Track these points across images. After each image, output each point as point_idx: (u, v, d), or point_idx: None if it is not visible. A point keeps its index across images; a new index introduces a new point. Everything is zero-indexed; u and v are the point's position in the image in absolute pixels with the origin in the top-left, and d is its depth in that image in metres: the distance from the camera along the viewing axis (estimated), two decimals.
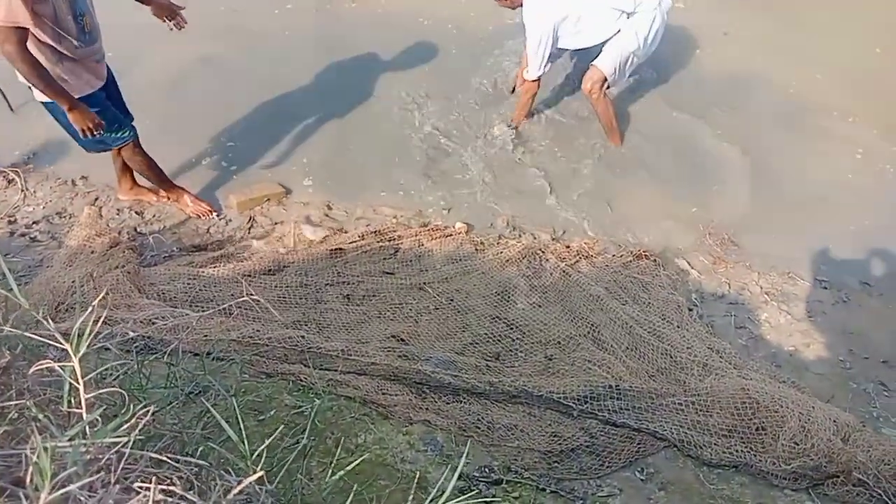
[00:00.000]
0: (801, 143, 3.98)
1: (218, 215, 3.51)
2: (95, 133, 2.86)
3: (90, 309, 0.85)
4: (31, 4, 2.48)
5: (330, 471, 1.07)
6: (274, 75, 4.28)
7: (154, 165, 3.35)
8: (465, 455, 1.41)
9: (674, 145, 4.00)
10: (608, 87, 3.86)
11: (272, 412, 2.23)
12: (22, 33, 2.52)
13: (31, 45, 2.61)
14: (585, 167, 3.88)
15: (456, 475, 0.96)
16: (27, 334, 0.88)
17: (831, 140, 3.99)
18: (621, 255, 3.34)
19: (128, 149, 3.21)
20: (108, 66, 3.10)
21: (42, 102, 2.88)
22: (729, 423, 2.35)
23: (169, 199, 3.50)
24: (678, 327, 2.93)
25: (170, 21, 3.15)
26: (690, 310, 3.07)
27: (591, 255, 3.34)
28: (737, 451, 2.27)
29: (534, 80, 3.82)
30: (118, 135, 3.12)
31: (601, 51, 3.74)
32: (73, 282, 2.80)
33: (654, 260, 3.32)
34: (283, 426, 1.92)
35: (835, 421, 2.28)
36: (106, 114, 2.96)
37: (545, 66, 3.74)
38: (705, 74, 4.45)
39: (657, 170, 3.85)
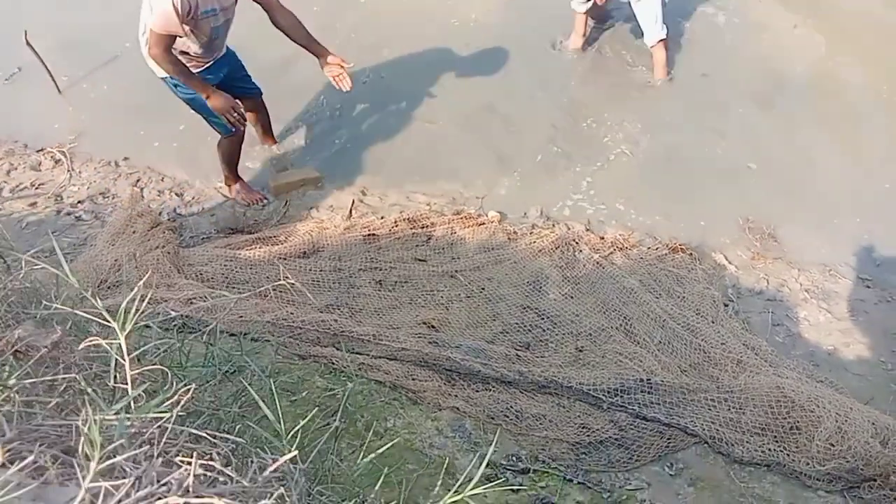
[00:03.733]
0: (848, 137, 3.85)
1: (266, 204, 3.56)
2: (238, 115, 3.10)
3: (136, 288, 0.88)
4: (184, 20, 2.79)
5: (361, 454, 1.09)
6: (309, 67, 4.31)
7: (236, 159, 3.49)
8: (493, 443, 1.42)
9: (715, 135, 3.91)
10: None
11: (304, 394, 2.28)
12: (171, 40, 2.87)
13: None
14: (622, 159, 3.82)
15: (484, 463, 0.97)
16: (77, 311, 0.91)
17: (879, 136, 3.85)
18: (657, 248, 3.29)
19: (226, 140, 3.37)
20: (232, 54, 3.35)
21: (164, 78, 3.10)
22: (762, 421, 2.31)
23: (226, 183, 3.59)
24: (713, 322, 2.88)
25: (336, 80, 3.26)
26: (726, 305, 3.01)
27: (625, 247, 3.30)
28: (769, 449, 2.24)
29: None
30: (218, 121, 3.21)
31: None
32: (115, 260, 2.88)
33: (691, 254, 3.26)
34: (315, 408, 1.96)
35: (874, 423, 2.23)
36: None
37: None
38: (757, 66, 4.33)
39: (695, 161, 3.77)
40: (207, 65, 3.16)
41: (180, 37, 2.87)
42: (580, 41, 4.40)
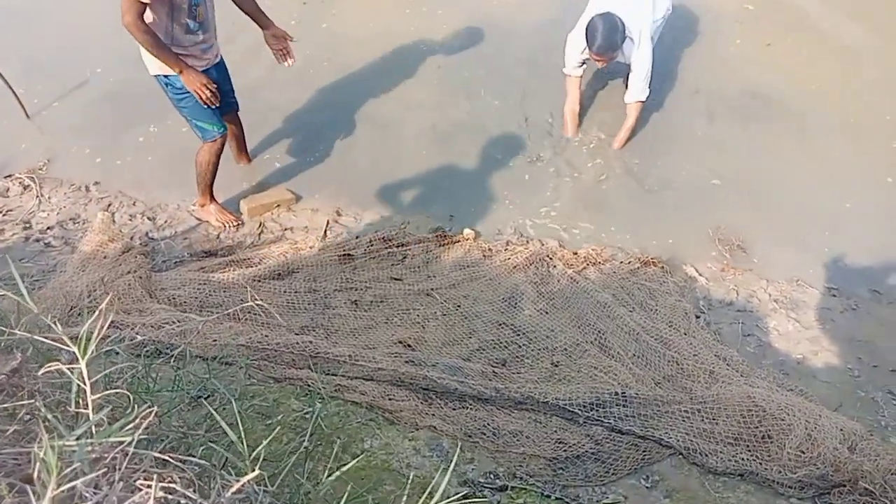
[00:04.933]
0: (814, 153, 3.96)
1: (240, 225, 3.55)
2: (210, 93, 3.04)
3: (97, 313, 0.88)
4: None
5: (329, 473, 1.08)
6: (281, 85, 4.34)
7: (213, 173, 3.44)
8: (455, 458, 1.42)
9: (684, 152, 3.99)
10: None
11: (279, 417, 2.26)
12: (140, 7, 2.79)
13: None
14: (593, 175, 3.89)
15: (448, 476, 0.97)
16: (37, 338, 0.90)
17: (844, 153, 3.96)
18: (629, 262, 3.34)
19: (207, 146, 3.32)
20: (223, 65, 3.34)
21: (156, 76, 3.09)
22: (735, 430, 2.34)
23: (200, 204, 3.56)
24: (685, 334, 2.92)
25: (278, 53, 3.34)
26: (698, 317, 3.06)
27: (598, 261, 3.35)
28: (742, 459, 2.27)
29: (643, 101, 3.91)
30: (202, 125, 3.22)
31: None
32: (85, 286, 2.85)
33: (662, 267, 3.31)
34: (287, 429, 1.94)
35: (841, 429, 2.27)
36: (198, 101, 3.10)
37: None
38: (725, 82, 4.44)
39: (665, 176, 3.85)
40: (204, 67, 3.16)
41: (146, 3, 2.79)
42: (572, 118, 4.09)
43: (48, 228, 3.47)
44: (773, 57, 4.59)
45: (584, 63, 3.94)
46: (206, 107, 3.13)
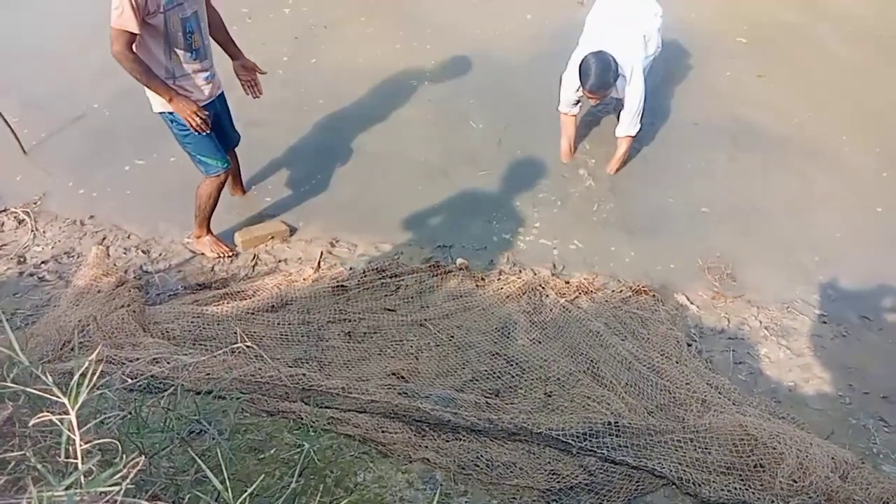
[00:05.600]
0: (803, 182, 4.01)
1: (234, 256, 3.58)
2: (201, 121, 3.06)
3: (87, 362, 0.90)
4: (143, 16, 2.77)
5: None
6: (276, 119, 4.39)
7: (212, 207, 3.47)
8: (438, 490, 1.42)
9: (674, 181, 4.05)
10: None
11: (272, 451, 2.26)
12: (129, 37, 2.81)
13: (142, 55, 2.90)
14: (585, 206, 3.93)
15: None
16: (26, 389, 0.92)
17: (832, 181, 4.02)
18: (620, 291, 3.36)
19: (210, 180, 3.36)
20: (224, 99, 3.38)
21: (160, 113, 3.13)
22: (727, 460, 2.35)
23: (196, 236, 3.59)
24: (677, 363, 2.94)
25: (246, 84, 3.42)
26: (689, 345, 3.08)
27: (590, 290, 3.37)
28: (735, 488, 2.26)
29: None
30: (206, 160, 3.26)
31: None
32: (79, 321, 2.85)
33: (654, 295, 3.34)
34: (280, 464, 1.94)
35: (833, 458, 2.28)
36: (201, 137, 3.15)
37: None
38: (720, 112, 4.52)
39: (655, 206, 3.89)
40: (208, 101, 3.20)
41: (135, 33, 2.79)
42: (568, 147, 4.15)
43: (42, 263, 3.49)
44: (764, 88, 4.68)
45: (578, 101, 3.99)
46: (209, 142, 3.19)
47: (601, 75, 3.62)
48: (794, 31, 5.18)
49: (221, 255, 3.55)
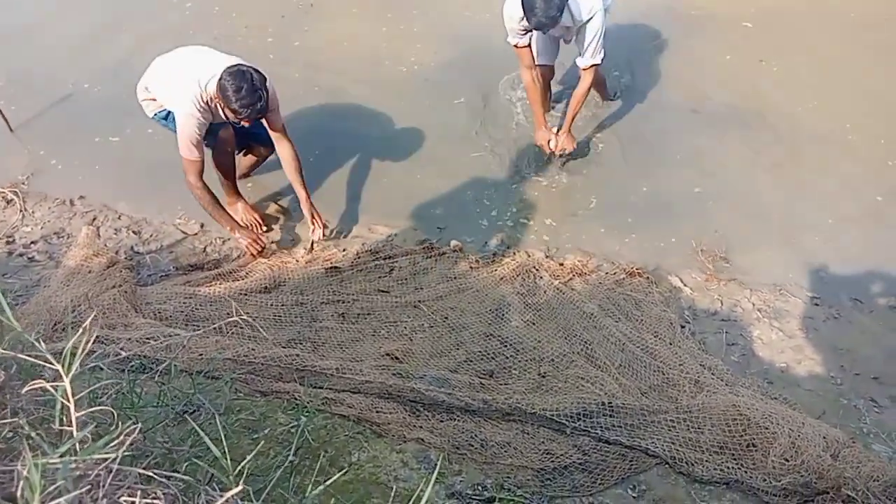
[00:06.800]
0: (800, 166, 4.01)
1: (268, 231, 3.58)
2: (258, 251, 3.30)
3: (81, 330, 0.88)
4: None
5: (313, 487, 1.08)
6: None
7: (227, 173, 3.50)
8: (437, 467, 1.42)
9: (669, 163, 4.04)
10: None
11: (266, 431, 2.25)
12: (200, 165, 3.11)
13: None
14: (579, 188, 3.92)
15: (431, 485, 0.98)
16: (20, 356, 0.90)
17: (827, 165, 4.01)
18: (614, 273, 3.36)
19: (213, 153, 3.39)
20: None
21: (172, 129, 3.19)
22: (720, 439, 2.36)
23: (228, 204, 3.56)
24: (670, 344, 2.95)
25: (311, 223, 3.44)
26: (683, 327, 3.09)
27: (584, 272, 3.37)
28: (728, 467, 2.28)
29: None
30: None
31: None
32: (70, 301, 2.82)
33: (647, 277, 3.34)
34: (274, 443, 1.93)
35: (825, 437, 2.30)
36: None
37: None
38: (719, 94, 4.49)
39: (648, 188, 3.89)
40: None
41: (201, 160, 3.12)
42: (537, 91, 3.81)
43: (32, 243, 3.45)
44: (765, 73, 4.65)
45: (528, 30, 3.54)
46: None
47: (546, 9, 3.20)
48: (802, 17, 5.13)
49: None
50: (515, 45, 3.66)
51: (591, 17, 3.43)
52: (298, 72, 4.61)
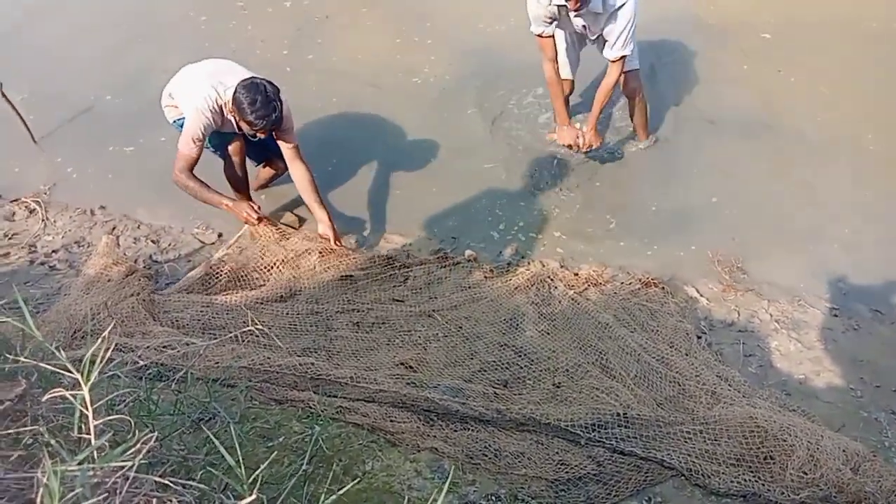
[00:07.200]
0: (817, 176, 3.96)
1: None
2: (255, 218, 3.33)
3: (100, 339, 0.90)
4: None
5: (326, 496, 1.09)
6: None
7: (238, 178, 3.55)
8: (450, 475, 1.42)
9: (686, 173, 4.02)
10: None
11: (280, 439, 2.26)
12: (193, 162, 3.19)
13: None
14: (594, 197, 3.91)
15: (443, 494, 0.98)
16: (41, 364, 0.92)
17: (844, 174, 3.96)
18: (630, 283, 3.34)
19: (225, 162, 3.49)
20: None
21: (174, 124, 3.39)
22: (737, 451, 2.33)
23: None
24: (686, 355, 2.92)
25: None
26: (699, 337, 3.06)
27: (599, 282, 3.35)
28: (745, 480, 2.25)
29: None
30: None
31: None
32: (89, 309, 2.87)
33: (663, 287, 3.32)
34: (288, 451, 1.94)
35: (844, 450, 2.26)
36: None
37: None
38: (736, 105, 4.46)
39: (667, 197, 3.87)
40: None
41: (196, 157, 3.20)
42: (563, 109, 3.77)
43: (53, 252, 3.51)
44: (783, 83, 4.61)
45: (553, 19, 3.43)
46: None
47: None
48: (819, 28, 5.07)
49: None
50: (539, 35, 3.54)
51: (624, 4, 3.32)
52: (314, 84, 4.66)
